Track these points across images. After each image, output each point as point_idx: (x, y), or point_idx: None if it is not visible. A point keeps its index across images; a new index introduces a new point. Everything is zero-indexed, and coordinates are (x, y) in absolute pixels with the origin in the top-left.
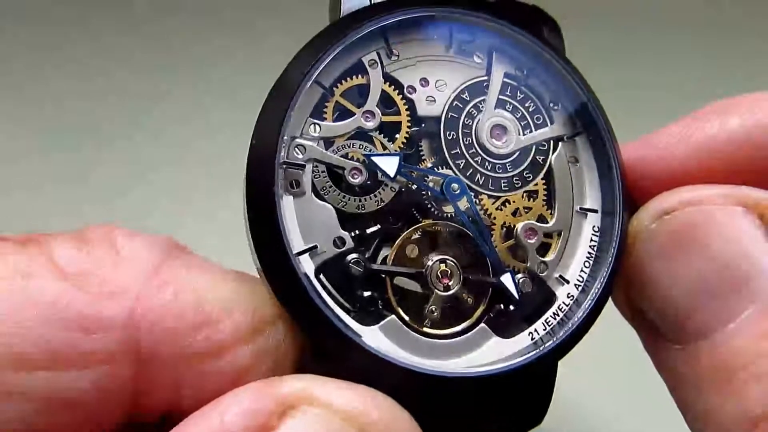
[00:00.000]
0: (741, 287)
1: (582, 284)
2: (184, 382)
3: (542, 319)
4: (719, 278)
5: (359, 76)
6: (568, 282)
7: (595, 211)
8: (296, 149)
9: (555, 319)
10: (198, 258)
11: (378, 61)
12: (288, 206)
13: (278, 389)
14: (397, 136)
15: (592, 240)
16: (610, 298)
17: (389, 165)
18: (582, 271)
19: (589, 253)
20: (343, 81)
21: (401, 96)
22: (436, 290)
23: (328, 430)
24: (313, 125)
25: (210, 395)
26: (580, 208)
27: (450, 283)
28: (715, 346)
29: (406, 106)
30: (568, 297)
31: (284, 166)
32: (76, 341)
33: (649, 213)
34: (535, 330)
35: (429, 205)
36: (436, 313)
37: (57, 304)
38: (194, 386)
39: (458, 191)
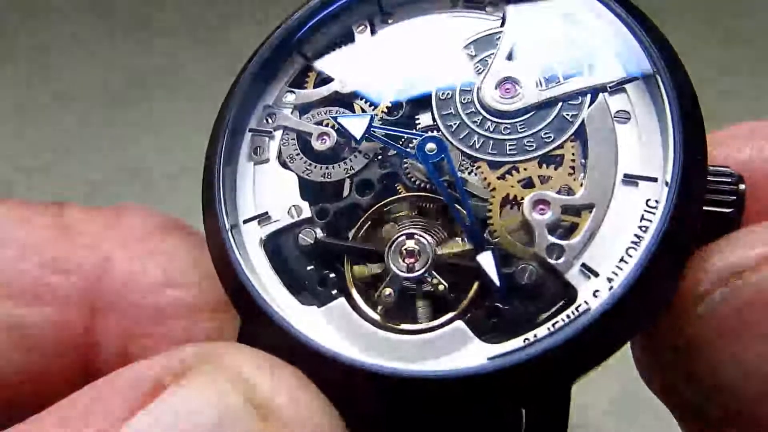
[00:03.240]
0: None
1: (618, 279)
2: (136, 339)
3: (550, 323)
4: None
5: (347, 45)
6: (597, 275)
7: (653, 179)
8: (267, 117)
9: (568, 323)
10: (194, 238)
11: (368, 26)
12: (246, 173)
13: (182, 350)
14: (381, 99)
15: (644, 219)
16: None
17: (357, 126)
18: (623, 261)
19: (637, 236)
20: (329, 51)
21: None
22: (394, 269)
23: (218, 392)
24: (288, 93)
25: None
26: (627, 176)
27: (414, 264)
28: None
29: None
30: (595, 295)
31: (251, 132)
32: (43, 278)
33: (713, 274)
34: (536, 335)
35: (409, 175)
36: (390, 298)
37: (36, 245)
38: (144, 346)
39: (435, 152)
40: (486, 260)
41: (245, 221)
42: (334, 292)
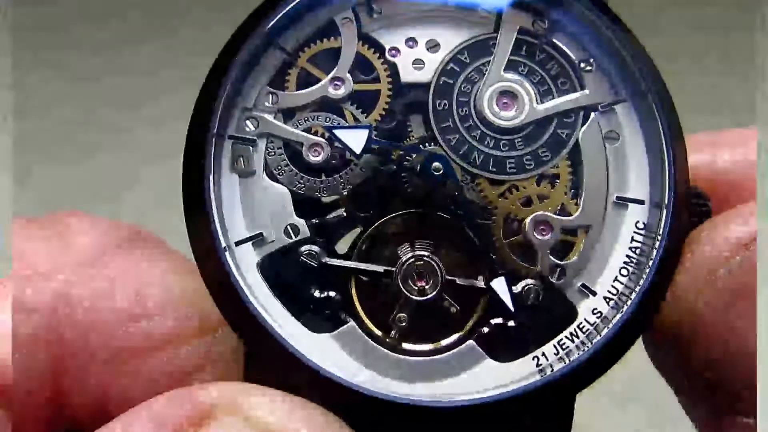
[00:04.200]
0: None
1: (615, 298)
2: (113, 378)
3: (555, 341)
4: None
5: (331, 39)
6: (594, 294)
7: (640, 202)
8: (248, 122)
9: (573, 341)
10: (161, 249)
11: (353, 19)
12: (231, 187)
13: (197, 396)
14: (374, 107)
15: (634, 240)
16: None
17: (355, 139)
18: (617, 280)
19: (629, 257)
20: (311, 45)
21: (382, 60)
22: (407, 293)
23: None
24: (270, 95)
25: (140, 399)
26: (618, 198)
27: (426, 286)
28: None
29: (388, 72)
30: (594, 313)
31: (231, 140)
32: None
33: (725, 242)
34: (544, 354)
35: (409, 191)
36: (405, 323)
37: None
38: (124, 385)
39: (440, 171)
40: (500, 287)
41: (237, 243)
42: (343, 315)
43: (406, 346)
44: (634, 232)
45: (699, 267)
